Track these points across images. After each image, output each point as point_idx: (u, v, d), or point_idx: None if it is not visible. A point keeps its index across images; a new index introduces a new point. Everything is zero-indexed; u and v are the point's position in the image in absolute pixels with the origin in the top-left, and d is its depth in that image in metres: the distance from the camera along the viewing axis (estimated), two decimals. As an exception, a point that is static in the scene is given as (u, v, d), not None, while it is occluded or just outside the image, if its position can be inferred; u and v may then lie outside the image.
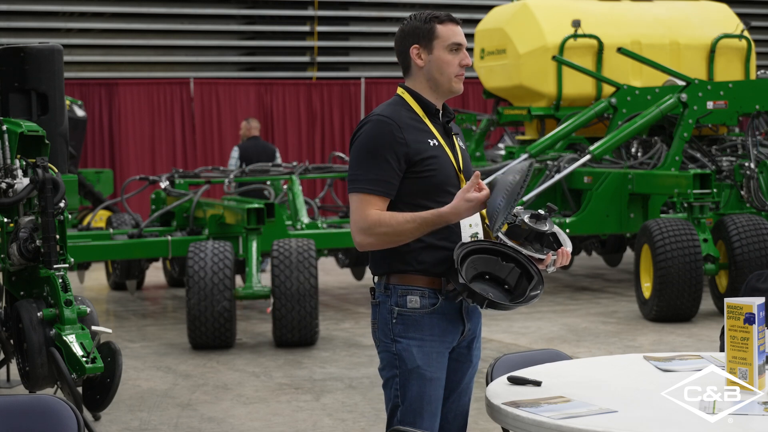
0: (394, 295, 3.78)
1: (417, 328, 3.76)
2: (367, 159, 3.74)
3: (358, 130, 3.80)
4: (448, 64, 3.85)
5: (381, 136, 3.74)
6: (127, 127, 17.64)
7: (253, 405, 7.43)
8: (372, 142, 3.74)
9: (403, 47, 3.89)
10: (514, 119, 13.92)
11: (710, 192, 10.34)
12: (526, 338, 9.53)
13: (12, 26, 17.22)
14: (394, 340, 3.77)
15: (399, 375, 3.78)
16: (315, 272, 9.27)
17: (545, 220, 3.79)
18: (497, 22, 13.80)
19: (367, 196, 3.73)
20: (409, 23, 3.89)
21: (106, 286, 13.09)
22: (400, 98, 3.88)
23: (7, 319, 6.51)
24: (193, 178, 12.23)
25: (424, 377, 3.76)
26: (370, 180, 3.73)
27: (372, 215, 3.71)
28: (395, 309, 3.78)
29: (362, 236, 3.74)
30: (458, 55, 3.86)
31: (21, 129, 6.41)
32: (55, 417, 3.38)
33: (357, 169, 3.76)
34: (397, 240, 3.72)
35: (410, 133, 3.77)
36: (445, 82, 3.86)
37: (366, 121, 3.79)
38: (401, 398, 3.78)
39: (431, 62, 3.85)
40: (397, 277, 3.79)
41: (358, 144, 3.77)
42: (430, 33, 3.86)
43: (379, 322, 3.83)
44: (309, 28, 18.87)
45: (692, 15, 13.88)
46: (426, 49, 3.85)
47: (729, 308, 3.45)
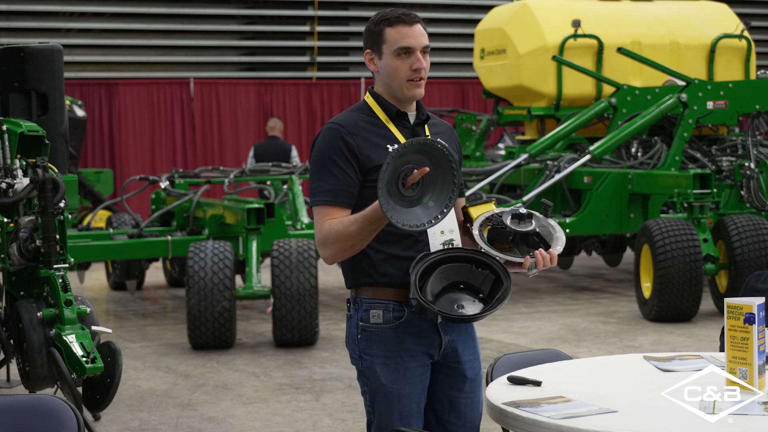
0: (360, 309, 3.67)
1: (380, 344, 3.63)
2: (322, 170, 3.60)
3: (314, 142, 3.68)
4: (396, 70, 3.63)
5: (331, 144, 3.60)
6: (127, 127, 17.64)
7: (253, 405, 7.43)
8: (324, 151, 3.61)
9: (364, 50, 3.74)
10: (514, 119, 13.92)
11: (710, 192, 10.34)
12: (526, 338, 9.53)
13: (12, 26, 17.22)
14: (360, 357, 3.68)
15: (368, 392, 3.69)
16: (315, 272, 9.27)
17: (529, 218, 3.63)
18: (497, 22, 13.80)
19: (325, 208, 3.58)
20: (367, 26, 3.71)
21: (106, 286, 13.09)
22: (364, 103, 3.72)
23: (7, 319, 6.51)
24: (193, 178, 12.23)
25: (391, 394, 3.64)
26: (327, 191, 3.58)
27: (324, 226, 3.57)
28: (360, 324, 3.67)
29: (322, 249, 3.60)
30: (408, 60, 3.62)
31: (21, 129, 6.41)
32: (55, 417, 3.37)
33: (314, 181, 3.64)
34: (351, 245, 3.54)
35: (364, 139, 3.61)
36: (397, 88, 3.66)
37: (319, 133, 3.68)
38: (373, 414, 3.70)
39: (382, 68, 3.66)
40: (364, 290, 3.66)
41: (313, 155, 3.66)
42: (379, 37, 3.65)
43: (348, 336, 3.74)
44: (309, 28, 18.87)
45: (692, 15, 13.88)
46: (377, 53, 3.67)
47: (729, 308, 3.45)
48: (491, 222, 3.66)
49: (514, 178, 12.41)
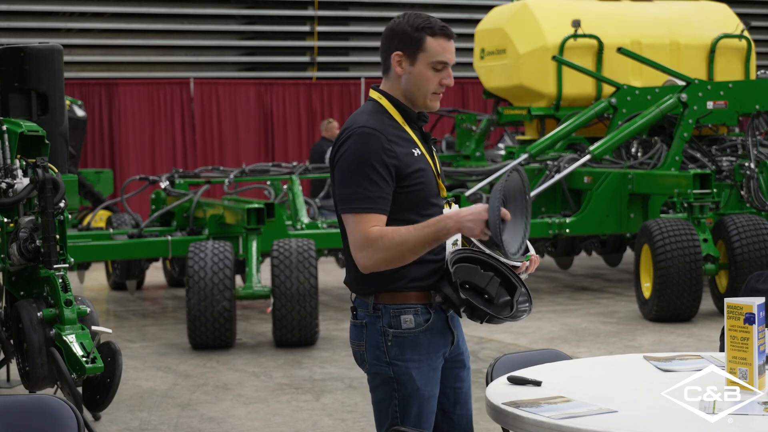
0: (385, 315, 3.60)
1: (414, 349, 3.61)
2: (360, 175, 3.48)
3: (342, 144, 3.54)
4: (428, 81, 3.60)
5: (371, 151, 3.49)
6: (127, 127, 17.65)
7: (253, 405, 7.43)
8: (362, 157, 3.48)
9: (386, 48, 3.62)
10: (514, 119, 13.91)
11: (710, 192, 10.34)
12: (526, 338, 9.53)
13: (12, 26, 17.23)
14: (391, 364, 3.61)
15: (398, 398, 3.63)
16: (315, 272, 9.27)
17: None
18: (497, 22, 13.80)
19: (365, 215, 3.48)
20: (400, 24, 3.60)
21: (106, 286, 13.09)
22: (378, 105, 3.62)
23: (7, 319, 6.51)
24: (193, 178, 12.23)
25: (423, 398, 3.64)
26: (367, 198, 3.48)
27: (374, 231, 3.47)
28: (389, 331, 3.60)
29: (364, 255, 3.49)
30: (440, 74, 3.61)
31: (21, 129, 6.41)
32: (55, 417, 3.37)
33: (349, 187, 3.51)
34: (403, 256, 3.48)
35: (397, 144, 3.55)
36: (420, 98, 3.62)
37: (349, 135, 3.53)
38: (400, 419, 3.65)
39: (411, 74, 3.59)
40: (387, 296, 3.60)
41: (347, 160, 3.51)
42: (418, 44, 3.57)
43: (367, 344, 3.64)
44: (309, 28, 18.87)
45: (692, 15, 13.88)
46: (409, 59, 3.59)
47: (729, 308, 3.45)
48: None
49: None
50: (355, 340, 3.72)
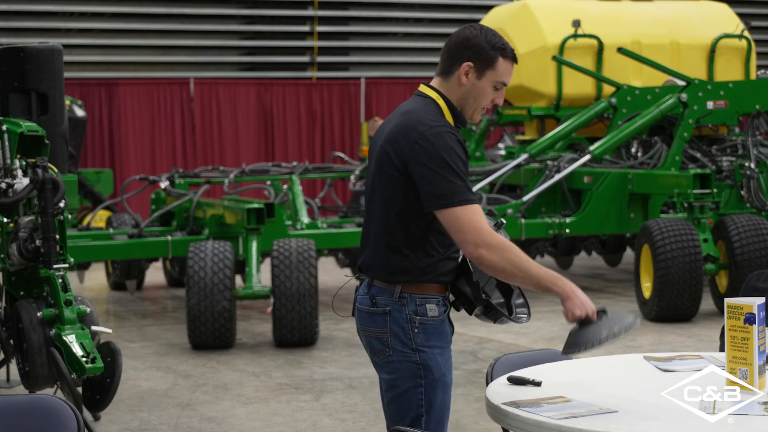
0: (411, 303, 3.70)
1: (437, 336, 3.72)
2: (451, 171, 3.59)
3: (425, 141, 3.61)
4: (485, 96, 3.77)
5: (456, 147, 3.62)
6: (127, 127, 17.65)
7: (253, 405, 7.43)
8: (452, 153, 3.60)
9: (457, 54, 3.74)
10: (514, 119, 13.91)
11: (710, 192, 10.33)
12: (526, 338, 9.53)
13: (12, 26, 17.23)
14: (417, 350, 3.70)
15: (424, 385, 3.70)
16: (315, 272, 9.27)
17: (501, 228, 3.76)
18: (497, 22, 13.79)
19: (471, 206, 3.59)
20: (477, 37, 3.73)
21: (106, 286, 13.09)
22: (436, 105, 3.75)
23: (7, 319, 6.51)
24: (193, 178, 12.23)
25: (446, 384, 3.75)
26: (469, 190, 3.61)
27: (499, 237, 3.60)
28: (416, 318, 3.70)
29: (489, 254, 3.57)
30: (496, 93, 3.79)
31: (21, 129, 6.41)
32: (55, 417, 3.37)
33: (452, 181, 3.58)
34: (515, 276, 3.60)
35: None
36: (471, 109, 3.78)
37: (435, 132, 3.62)
38: (426, 408, 3.71)
39: (474, 87, 3.74)
40: (414, 287, 3.71)
41: (438, 154, 3.59)
42: (491, 62, 3.73)
43: (391, 330, 3.71)
44: (309, 28, 18.87)
45: (692, 15, 13.87)
46: (477, 72, 3.73)
47: (729, 308, 3.45)
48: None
49: (514, 178, 12.41)
50: (373, 328, 3.76)
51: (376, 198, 3.75)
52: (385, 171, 3.70)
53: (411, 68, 19.34)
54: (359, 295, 3.84)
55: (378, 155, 3.74)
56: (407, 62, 19.38)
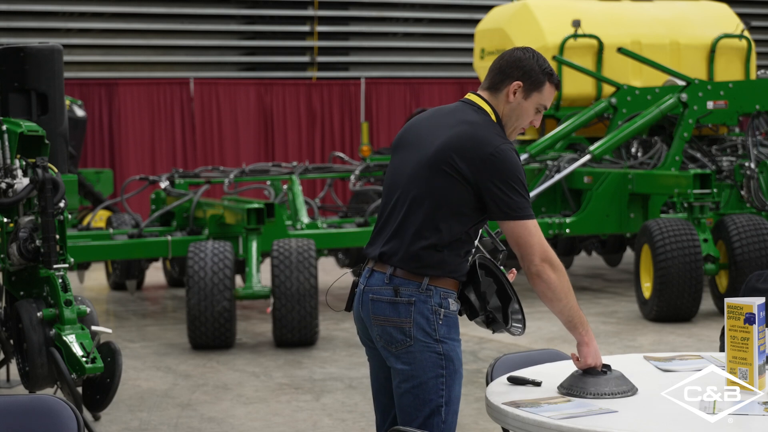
0: (435, 296, 3.79)
1: (456, 330, 3.85)
2: (522, 186, 3.79)
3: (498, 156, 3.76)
4: (527, 117, 3.91)
5: (522, 167, 3.83)
6: (127, 127, 17.64)
7: (253, 405, 7.43)
8: (520, 170, 3.79)
9: (509, 72, 3.88)
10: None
11: (710, 192, 10.33)
12: (526, 338, 9.52)
13: (12, 26, 17.22)
14: (440, 341, 3.78)
15: (445, 375, 3.79)
16: (315, 272, 9.27)
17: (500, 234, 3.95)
18: (497, 22, 13.79)
19: (534, 221, 3.80)
20: (530, 60, 3.89)
21: (106, 286, 13.09)
22: (490, 120, 3.88)
23: (7, 319, 6.51)
24: (193, 178, 12.23)
25: (462, 376, 3.86)
26: (530, 206, 3.82)
27: (557, 259, 3.79)
28: (441, 310, 3.79)
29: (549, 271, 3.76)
30: (536, 116, 3.93)
31: (21, 129, 6.41)
32: (55, 417, 3.37)
33: (520, 196, 3.77)
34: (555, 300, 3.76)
35: None
36: (512, 127, 3.91)
37: (509, 149, 3.79)
38: (446, 398, 3.78)
39: (519, 106, 3.89)
40: (441, 281, 3.81)
41: (512, 170, 3.77)
42: (538, 85, 3.88)
43: (415, 320, 3.77)
44: (309, 28, 18.87)
45: (692, 15, 13.87)
46: (525, 93, 3.88)
47: (729, 308, 3.45)
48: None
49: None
50: (394, 318, 3.80)
51: (416, 192, 3.82)
52: (443, 172, 3.79)
53: (411, 68, 19.34)
54: (373, 285, 3.85)
55: (434, 156, 3.81)
56: (407, 62, 19.37)
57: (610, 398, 3.44)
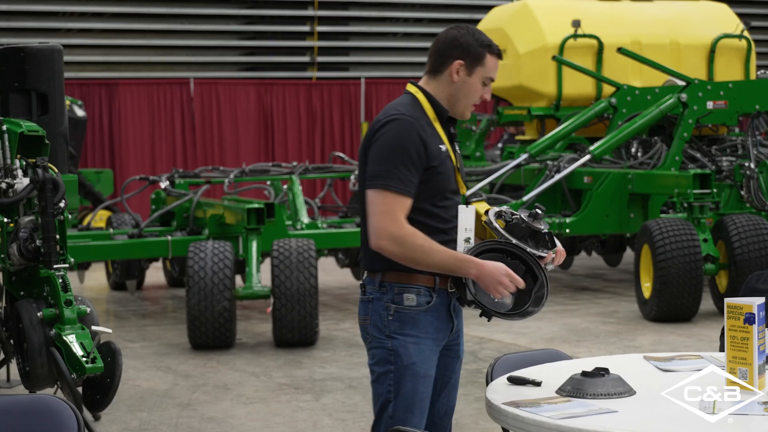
0: (389, 292, 3.82)
1: (413, 326, 3.81)
2: (396, 158, 3.72)
3: (382, 127, 3.76)
4: (475, 93, 3.91)
5: (408, 136, 3.73)
6: (127, 127, 17.64)
7: (253, 405, 7.43)
8: (399, 141, 3.73)
9: (447, 52, 3.88)
10: (514, 119, 13.91)
11: (710, 192, 10.34)
12: (526, 338, 9.53)
13: (12, 26, 17.22)
14: (390, 336, 3.82)
15: (393, 371, 3.81)
16: (315, 272, 9.27)
17: (540, 219, 3.86)
18: (497, 22, 13.79)
19: (395, 195, 3.71)
20: (466, 36, 3.88)
21: (106, 286, 13.09)
22: (415, 99, 3.88)
23: (7, 319, 6.51)
24: (193, 178, 12.23)
25: (418, 374, 3.81)
26: (399, 179, 3.72)
27: (407, 227, 3.71)
28: (391, 306, 3.81)
29: (389, 244, 3.72)
30: (485, 89, 3.94)
31: (21, 129, 6.41)
32: (55, 417, 3.37)
33: (383, 165, 3.72)
34: (419, 262, 3.72)
35: (428, 136, 3.81)
36: (462, 106, 3.92)
37: (390, 119, 3.76)
38: (394, 394, 3.82)
39: (465, 83, 3.89)
40: (394, 275, 3.82)
41: (385, 141, 3.74)
42: (479, 59, 3.89)
43: (371, 318, 3.85)
44: (309, 28, 18.87)
45: (692, 15, 13.88)
46: (467, 69, 3.88)
47: (729, 308, 3.45)
48: (501, 217, 3.88)
49: (514, 178, 12.41)
50: (361, 315, 3.91)
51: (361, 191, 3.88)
52: (362, 165, 3.85)
53: (411, 68, 19.33)
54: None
55: (360, 152, 3.89)
56: (407, 62, 19.37)
57: (610, 398, 3.44)
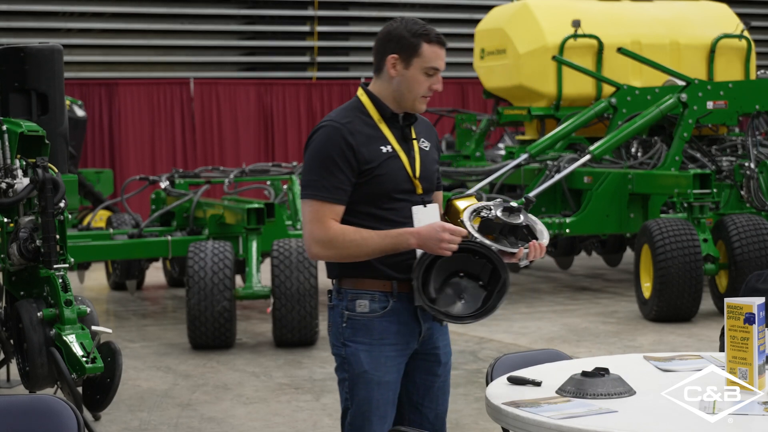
0: (345, 298, 3.80)
1: (366, 333, 3.77)
2: (321, 166, 3.69)
3: (312, 136, 3.75)
4: (420, 85, 3.77)
5: (333, 143, 3.69)
6: (127, 127, 17.64)
7: (253, 405, 7.43)
8: (324, 149, 3.69)
9: (381, 49, 3.80)
10: (514, 119, 13.91)
11: (710, 192, 10.34)
12: (526, 338, 9.53)
13: (12, 26, 17.22)
14: (344, 344, 3.80)
15: (348, 379, 3.81)
16: (315, 272, 9.27)
17: (518, 212, 3.77)
18: (497, 22, 13.80)
19: (322, 204, 3.70)
20: (397, 29, 3.79)
21: (106, 286, 13.09)
22: (358, 101, 3.82)
23: (7, 319, 6.51)
24: (193, 178, 12.23)
25: (371, 381, 3.77)
26: (325, 187, 3.69)
27: (334, 228, 3.69)
28: (345, 313, 3.79)
29: (320, 249, 3.72)
30: (431, 79, 3.78)
31: (21, 129, 6.41)
32: (55, 417, 3.37)
33: (311, 175, 3.72)
34: (358, 255, 3.70)
35: (361, 139, 3.73)
36: (410, 100, 3.79)
37: (319, 127, 3.75)
38: (350, 401, 3.81)
39: (404, 77, 3.77)
40: (349, 281, 3.80)
41: (312, 150, 3.73)
42: (414, 49, 3.76)
43: (332, 325, 3.85)
44: (309, 28, 18.87)
45: (692, 15, 13.88)
46: (404, 62, 3.76)
47: (729, 308, 3.45)
48: (479, 214, 3.78)
49: (514, 178, 12.41)
50: (327, 322, 3.92)
51: None
52: None
53: (411, 68, 19.33)
54: None
55: None
56: (407, 62, 19.36)
57: (610, 398, 3.44)
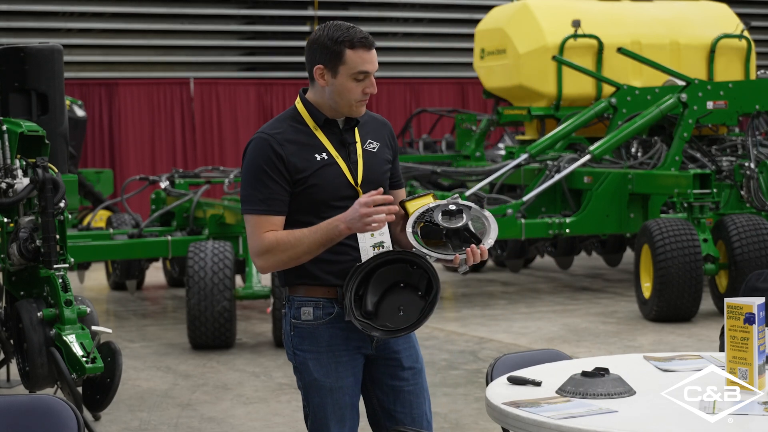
0: (293, 306, 3.78)
1: (312, 340, 3.76)
2: (254, 179, 3.67)
3: (245, 151, 3.74)
4: (350, 91, 3.69)
5: (261, 154, 3.66)
6: (127, 127, 17.64)
7: (253, 405, 7.43)
8: (254, 161, 3.67)
9: (309, 60, 3.74)
10: (514, 119, 13.91)
11: (710, 192, 10.34)
12: (526, 338, 9.52)
13: (12, 26, 17.22)
14: (294, 353, 3.80)
15: (302, 386, 3.82)
16: (315, 272, 9.25)
17: (459, 214, 3.68)
18: (497, 22, 13.80)
19: (259, 217, 3.68)
20: (320, 38, 3.70)
21: (106, 286, 13.09)
22: (294, 109, 3.79)
23: (7, 319, 6.51)
24: (193, 178, 12.23)
25: (323, 388, 3.76)
26: (260, 200, 3.66)
27: (268, 237, 3.66)
28: (292, 321, 3.78)
29: (262, 260, 3.70)
30: (363, 83, 3.69)
31: (21, 129, 6.41)
32: (55, 417, 3.37)
33: (246, 189, 3.70)
34: (299, 258, 3.67)
35: (292, 149, 3.69)
36: (344, 106, 3.73)
37: (250, 141, 3.72)
38: (308, 407, 3.83)
39: (333, 86, 3.70)
40: (295, 289, 3.78)
41: (245, 165, 3.72)
42: (338, 57, 3.67)
43: (284, 333, 3.85)
44: (309, 28, 18.87)
45: (692, 15, 13.88)
46: (330, 71, 3.69)
47: (729, 308, 3.45)
48: (424, 219, 3.72)
49: (514, 178, 12.41)
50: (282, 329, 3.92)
51: None
52: None
53: (411, 68, 19.34)
54: None
55: None
56: (407, 62, 19.38)
57: (610, 398, 3.44)
